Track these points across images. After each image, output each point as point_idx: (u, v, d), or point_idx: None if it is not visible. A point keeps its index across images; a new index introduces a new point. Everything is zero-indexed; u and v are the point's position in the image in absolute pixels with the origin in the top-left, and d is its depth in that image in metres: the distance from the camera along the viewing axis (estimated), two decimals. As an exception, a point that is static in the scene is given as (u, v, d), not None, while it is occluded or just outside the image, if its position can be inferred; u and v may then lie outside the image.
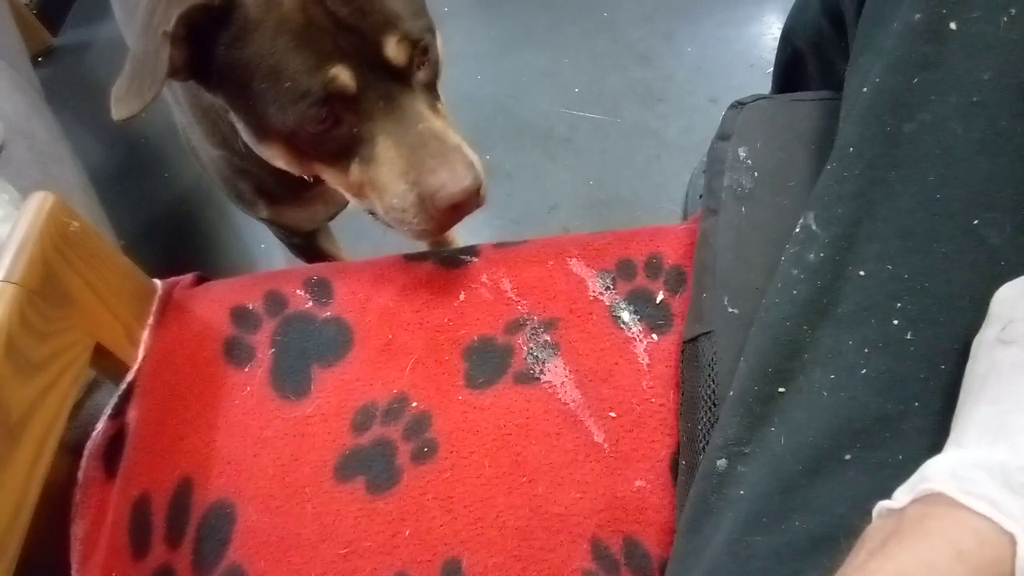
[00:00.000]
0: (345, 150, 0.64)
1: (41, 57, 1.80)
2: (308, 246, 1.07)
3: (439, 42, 0.68)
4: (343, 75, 0.59)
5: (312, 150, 0.65)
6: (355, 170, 0.65)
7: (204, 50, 0.60)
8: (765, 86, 0.99)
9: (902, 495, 0.38)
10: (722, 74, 1.51)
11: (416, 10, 0.63)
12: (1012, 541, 0.33)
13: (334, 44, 0.59)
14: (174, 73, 0.59)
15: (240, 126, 0.68)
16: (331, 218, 1.01)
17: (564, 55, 1.59)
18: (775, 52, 0.93)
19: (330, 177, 0.68)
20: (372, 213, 0.70)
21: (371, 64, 0.60)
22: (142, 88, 0.58)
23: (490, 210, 1.40)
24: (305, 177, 0.79)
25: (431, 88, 0.67)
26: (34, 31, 1.76)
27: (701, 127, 1.42)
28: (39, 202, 0.61)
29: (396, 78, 0.62)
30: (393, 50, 0.60)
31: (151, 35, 0.57)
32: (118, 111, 0.59)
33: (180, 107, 0.85)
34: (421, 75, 0.65)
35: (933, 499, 0.36)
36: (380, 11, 0.60)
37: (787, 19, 0.85)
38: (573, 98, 1.51)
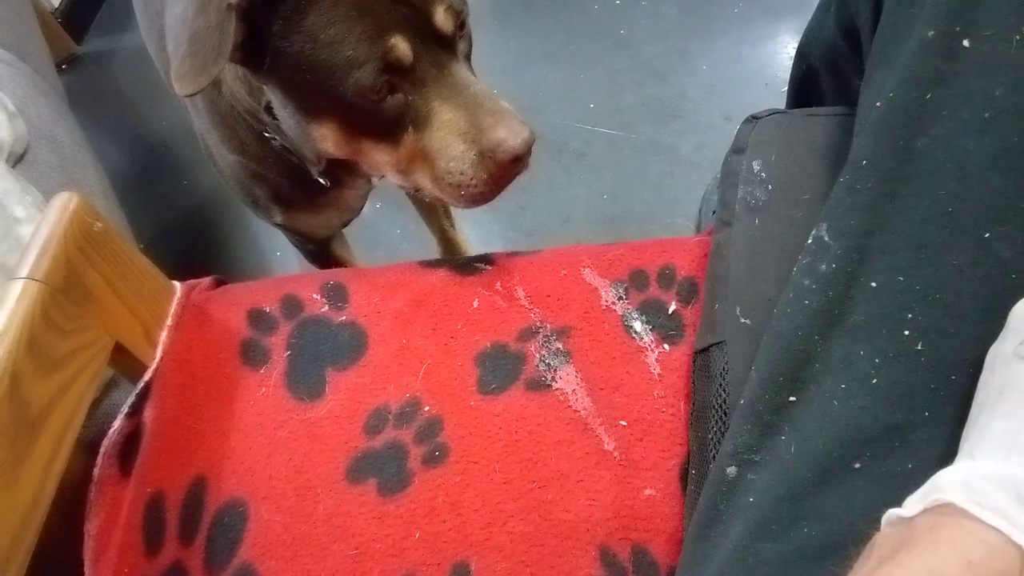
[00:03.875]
0: (397, 121, 0.66)
1: (65, 64, 1.85)
2: (322, 253, 1.08)
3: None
4: (401, 45, 0.62)
5: (364, 124, 0.67)
6: (407, 141, 0.67)
7: (257, 31, 0.62)
8: (779, 105, 1.00)
9: (913, 504, 0.38)
10: (736, 92, 1.51)
11: None
12: (1022, 554, 0.33)
13: (390, 15, 0.61)
14: (232, 50, 0.60)
15: (287, 112, 0.69)
16: (344, 225, 1.02)
17: (580, 71, 1.60)
18: (790, 70, 0.93)
19: (377, 155, 0.70)
20: (417, 190, 0.72)
21: (422, 34, 0.63)
22: (206, 63, 0.59)
23: (504, 222, 1.41)
24: (322, 181, 0.80)
25: (468, 60, 0.70)
26: (59, 39, 1.79)
27: (715, 144, 1.43)
28: (63, 202, 0.62)
29: (444, 46, 0.65)
30: (441, 18, 0.63)
31: (212, 11, 0.59)
32: (183, 87, 0.60)
33: (198, 113, 0.86)
34: (462, 46, 0.68)
35: (944, 509, 0.36)
36: None
37: (802, 36, 0.86)
38: (588, 113, 1.52)
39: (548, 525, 0.59)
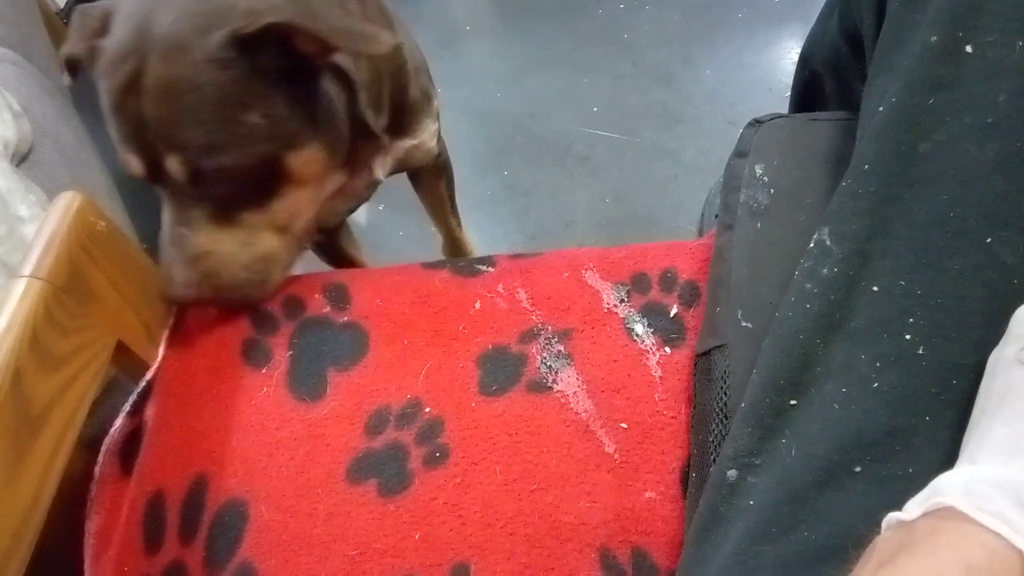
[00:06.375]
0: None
1: (70, 65, 1.84)
2: (329, 245, 1.08)
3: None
4: (132, 162, 0.66)
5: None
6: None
7: None
8: (783, 110, 1.00)
9: (914, 508, 0.38)
10: (740, 97, 1.52)
11: (222, 144, 0.64)
12: (1022, 558, 0.33)
13: (134, 132, 0.64)
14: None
15: None
16: (351, 212, 1.02)
17: (584, 75, 1.61)
18: (793, 75, 0.94)
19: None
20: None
21: (159, 164, 0.65)
22: None
23: (507, 225, 1.41)
24: None
25: (248, 201, 0.69)
26: (64, 39, 1.79)
27: (718, 149, 1.43)
28: (67, 201, 0.62)
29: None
30: (173, 166, 0.64)
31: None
32: None
33: None
34: (222, 190, 0.67)
35: (944, 513, 0.36)
36: (174, 134, 0.63)
37: (805, 41, 0.86)
38: (592, 117, 1.53)
39: (548, 527, 0.59)
